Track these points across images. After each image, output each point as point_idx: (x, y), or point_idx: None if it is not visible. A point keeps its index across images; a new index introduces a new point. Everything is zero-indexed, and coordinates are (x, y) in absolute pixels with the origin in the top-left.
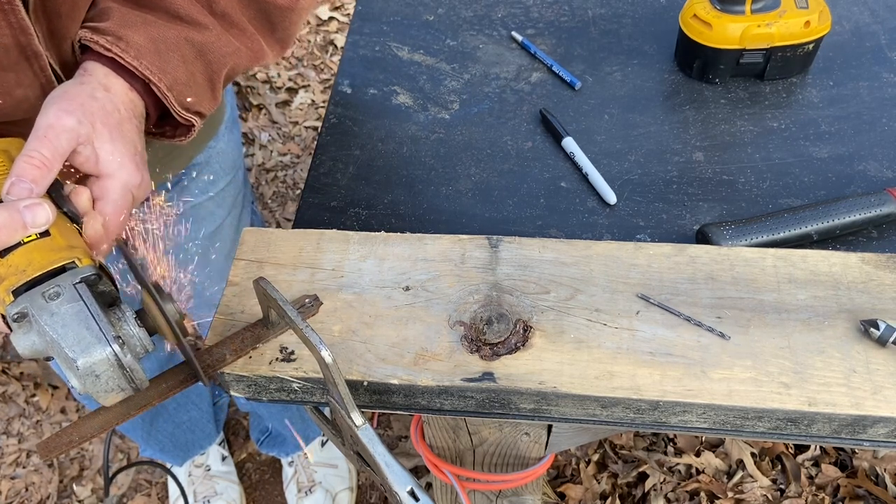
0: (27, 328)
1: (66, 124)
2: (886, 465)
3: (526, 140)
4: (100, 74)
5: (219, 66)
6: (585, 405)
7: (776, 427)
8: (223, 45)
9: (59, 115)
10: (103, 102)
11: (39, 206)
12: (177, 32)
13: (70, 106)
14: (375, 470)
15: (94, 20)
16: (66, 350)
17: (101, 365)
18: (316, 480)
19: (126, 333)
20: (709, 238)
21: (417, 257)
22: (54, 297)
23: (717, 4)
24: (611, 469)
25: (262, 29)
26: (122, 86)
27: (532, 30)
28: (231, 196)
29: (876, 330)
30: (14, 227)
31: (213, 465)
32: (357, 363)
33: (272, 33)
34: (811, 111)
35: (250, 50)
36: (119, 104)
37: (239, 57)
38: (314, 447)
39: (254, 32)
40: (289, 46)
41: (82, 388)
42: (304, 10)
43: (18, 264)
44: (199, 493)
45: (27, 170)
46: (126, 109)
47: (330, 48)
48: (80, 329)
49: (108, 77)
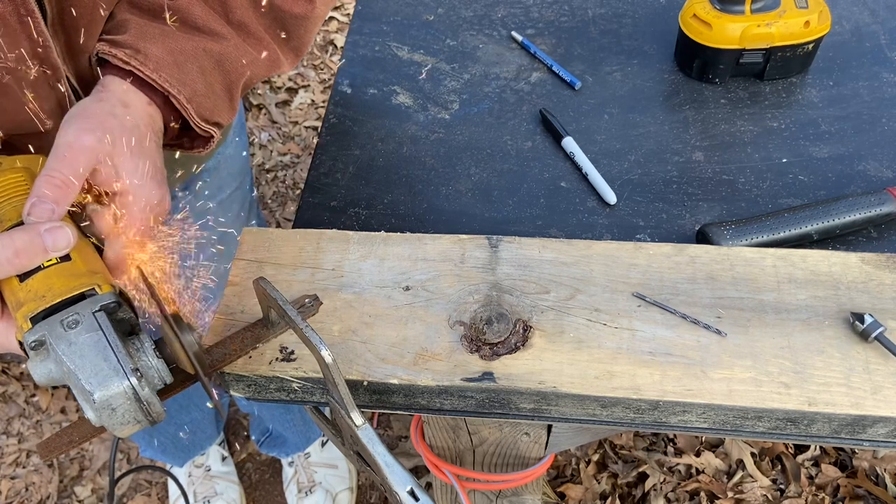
0: (44, 356)
1: (86, 143)
2: (886, 465)
3: (526, 140)
4: (118, 90)
5: (237, 76)
6: (585, 405)
7: (776, 427)
8: (241, 55)
9: (78, 133)
10: (122, 119)
11: (60, 229)
12: (195, 44)
13: (90, 124)
14: (375, 470)
15: (111, 32)
16: (83, 382)
17: (117, 398)
18: (316, 481)
19: (144, 365)
20: (709, 238)
21: (417, 257)
22: (73, 325)
23: (717, 4)
24: (611, 469)
25: (278, 38)
26: (141, 100)
27: (532, 30)
28: (238, 202)
29: (860, 323)
30: (35, 252)
31: (213, 466)
32: (357, 363)
33: (287, 42)
34: (811, 111)
35: (267, 59)
36: (138, 120)
37: (256, 66)
38: (314, 447)
39: (270, 41)
40: (303, 54)
41: (98, 420)
42: (318, 18)
43: (38, 290)
44: (200, 493)
45: (48, 190)
46: (145, 125)
47: (330, 48)
48: (97, 360)
49: (126, 93)
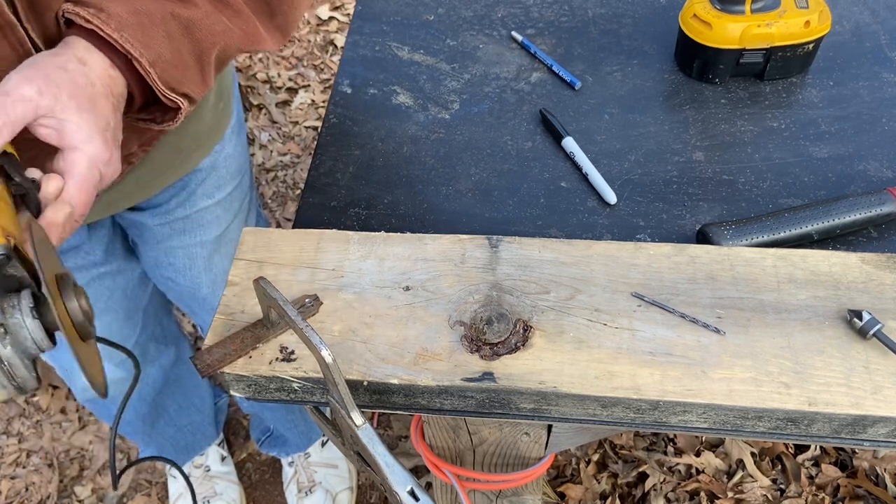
0: None
1: (24, 93)
2: (886, 465)
3: (526, 140)
4: (79, 48)
5: (208, 44)
6: (585, 405)
7: (776, 427)
8: (213, 24)
9: (18, 83)
10: (74, 75)
11: None
12: (163, 7)
13: (33, 74)
14: (375, 470)
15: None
16: None
17: None
18: (316, 480)
19: (15, 324)
20: (709, 238)
21: (417, 257)
22: None
23: (717, 4)
24: (611, 469)
25: (260, 13)
26: (102, 61)
27: (532, 30)
28: (238, 201)
29: (858, 320)
30: None
31: (212, 466)
32: (357, 363)
33: (271, 19)
34: (811, 111)
35: (244, 32)
36: (95, 78)
37: (230, 37)
38: (314, 447)
39: (250, 15)
40: (289, 33)
41: None
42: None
43: None
44: (199, 493)
45: None
46: (103, 85)
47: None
48: None
49: (87, 51)
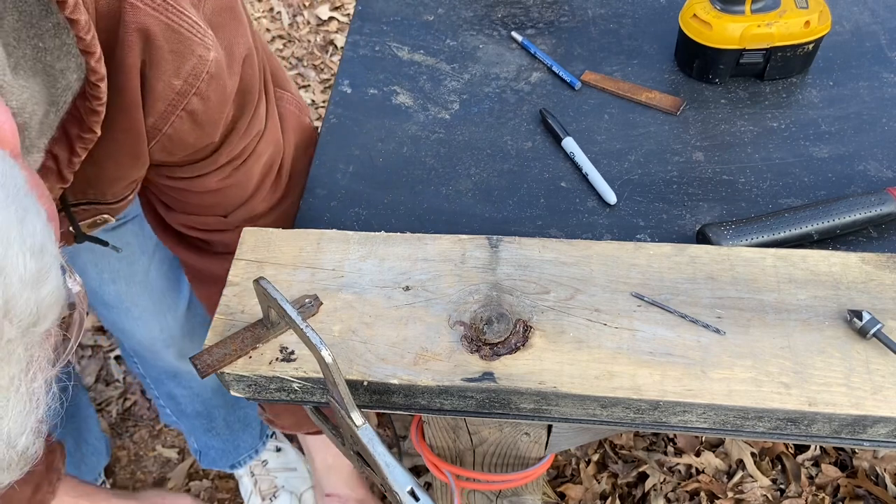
0: None
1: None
2: (886, 465)
3: (526, 140)
4: None
5: None
6: (585, 405)
7: (776, 427)
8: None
9: None
10: None
11: None
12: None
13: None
14: (375, 470)
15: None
16: None
17: None
18: (278, 485)
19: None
20: (709, 238)
21: (417, 257)
22: None
23: (717, 4)
24: (611, 469)
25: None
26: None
27: (532, 30)
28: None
29: (858, 320)
30: None
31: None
32: (357, 363)
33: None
34: (811, 111)
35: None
36: None
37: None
38: (270, 454)
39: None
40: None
41: None
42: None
43: None
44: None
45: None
46: None
47: (330, 48)
48: None
49: None
